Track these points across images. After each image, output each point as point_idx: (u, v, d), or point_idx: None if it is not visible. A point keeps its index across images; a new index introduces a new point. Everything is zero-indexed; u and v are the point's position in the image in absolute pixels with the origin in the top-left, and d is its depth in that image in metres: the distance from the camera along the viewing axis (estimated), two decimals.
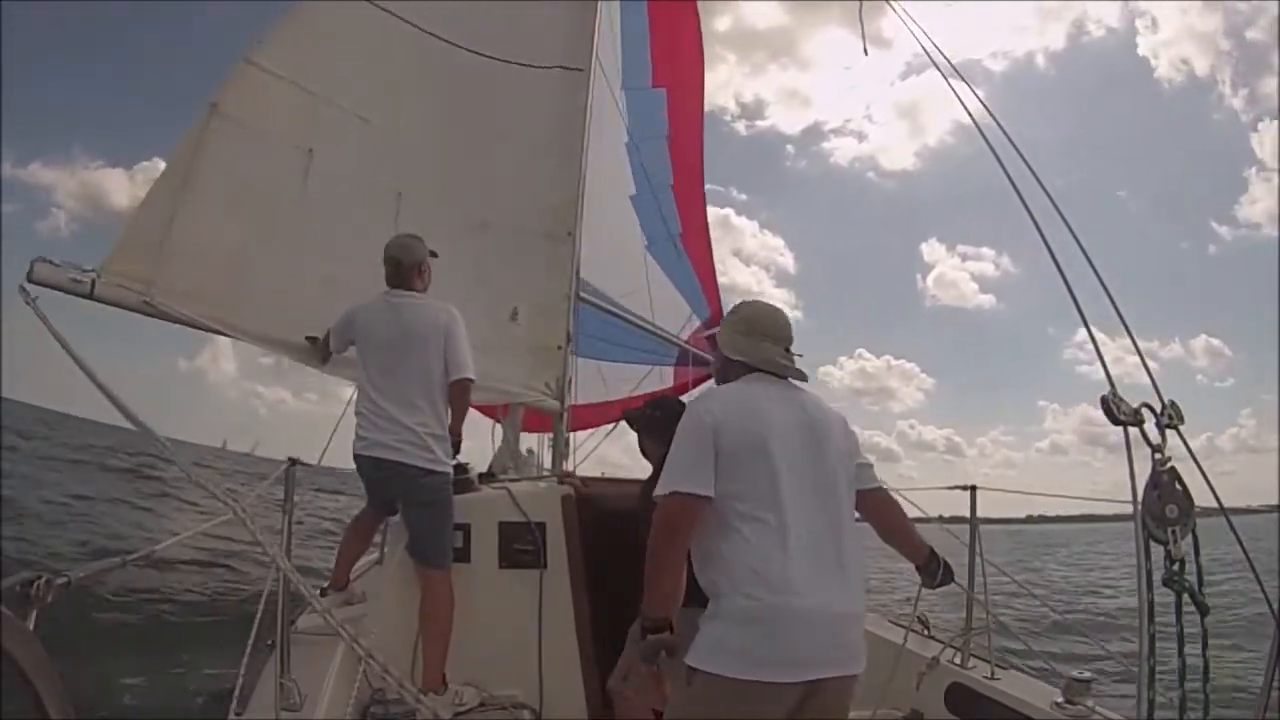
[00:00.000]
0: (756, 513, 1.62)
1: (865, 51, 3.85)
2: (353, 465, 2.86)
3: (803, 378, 1.90)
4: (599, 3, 4.62)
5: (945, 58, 2.43)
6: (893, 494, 2.01)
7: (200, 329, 3.03)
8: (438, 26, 3.91)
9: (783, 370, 1.87)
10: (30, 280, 2.52)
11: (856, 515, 1.81)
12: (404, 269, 2.94)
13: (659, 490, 1.68)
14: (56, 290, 2.61)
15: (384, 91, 3.76)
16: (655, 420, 2.69)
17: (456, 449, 2.93)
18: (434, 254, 3.04)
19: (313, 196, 3.42)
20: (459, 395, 2.87)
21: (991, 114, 2.17)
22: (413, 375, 2.80)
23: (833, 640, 1.59)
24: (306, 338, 3.19)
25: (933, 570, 1.93)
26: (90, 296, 2.70)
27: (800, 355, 1.95)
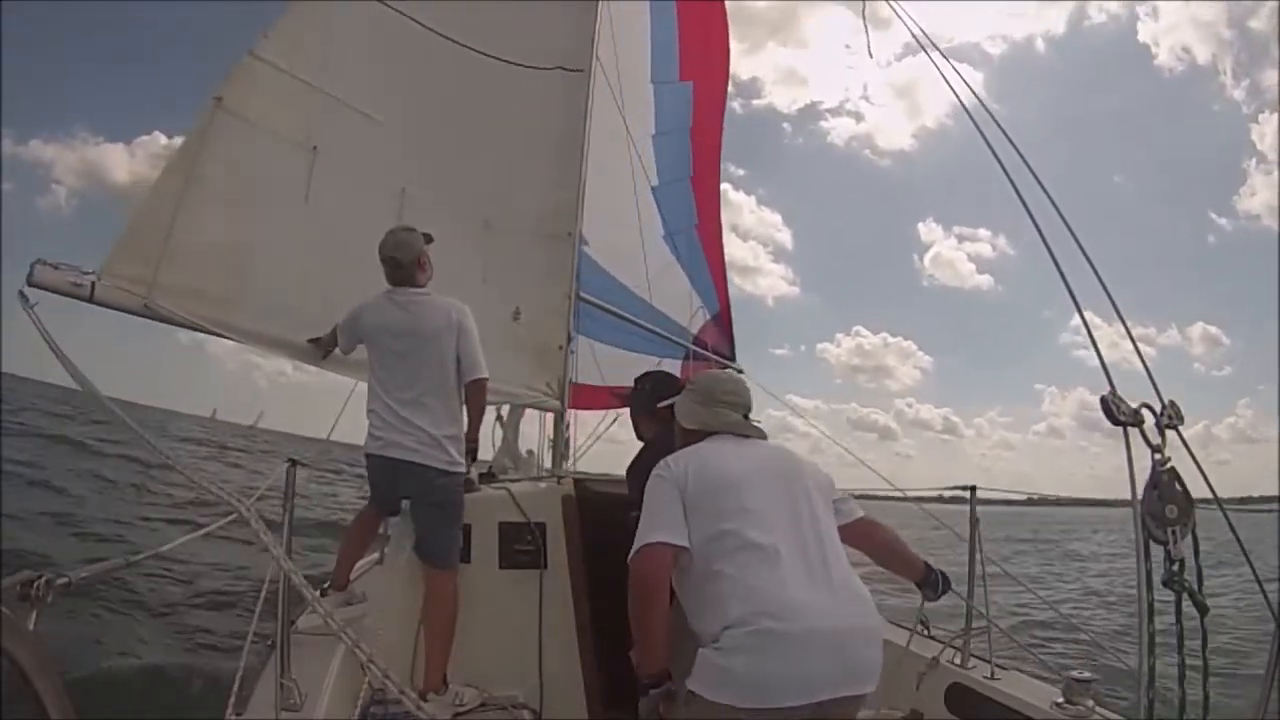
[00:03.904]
0: (739, 550, 1.58)
1: (870, 54, 3.84)
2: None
3: (764, 438, 1.89)
4: (600, 3, 4.62)
5: (940, 51, 2.43)
6: (880, 522, 1.97)
7: (201, 331, 3.00)
8: (440, 25, 3.90)
9: (745, 431, 1.87)
10: (30, 283, 2.48)
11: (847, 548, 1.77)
12: (405, 266, 2.84)
13: (632, 551, 1.64)
14: (56, 294, 2.57)
15: (388, 88, 3.74)
16: (643, 393, 2.65)
17: (473, 455, 2.89)
18: (429, 238, 2.94)
19: (317, 194, 3.40)
20: (476, 396, 2.83)
21: (983, 104, 2.20)
22: (425, 376, 2.76)
23: (841, 658, 1.53)
24: (309, 340, 3.16)
25: (933, 583, 1.97)
26: (90, 300, 2.67)
27: (758, 422, 1.93)
